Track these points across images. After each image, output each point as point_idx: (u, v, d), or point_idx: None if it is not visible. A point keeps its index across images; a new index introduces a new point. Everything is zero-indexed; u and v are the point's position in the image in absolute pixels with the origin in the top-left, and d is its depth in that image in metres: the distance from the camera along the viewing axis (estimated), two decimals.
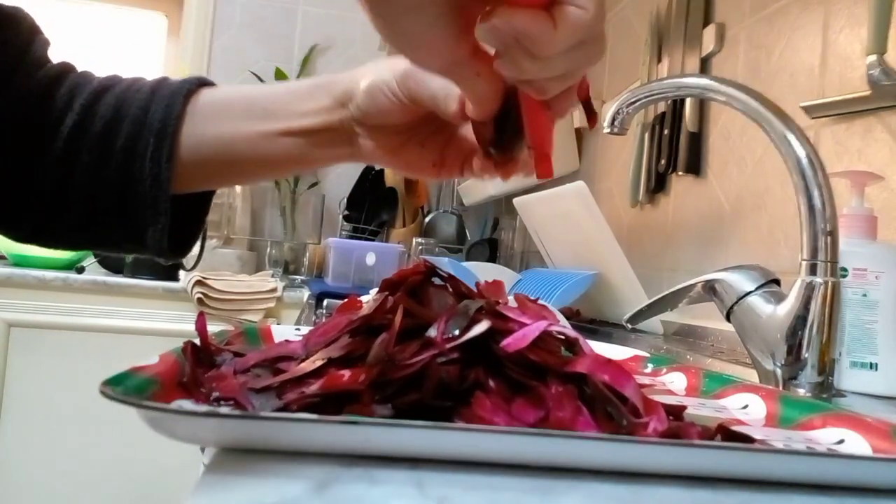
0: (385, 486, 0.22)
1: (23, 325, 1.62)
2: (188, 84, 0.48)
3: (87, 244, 0.51)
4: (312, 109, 0.47)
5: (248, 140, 0.47)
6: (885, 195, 0.74)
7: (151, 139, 0.46)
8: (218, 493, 0.20)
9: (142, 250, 0.49)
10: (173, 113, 0.46)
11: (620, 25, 1.57)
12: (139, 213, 0.47)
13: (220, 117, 0.48)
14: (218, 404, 0.27)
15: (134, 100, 0.47)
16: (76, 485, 1.62)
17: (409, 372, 0.27)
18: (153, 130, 0.46)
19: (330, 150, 0.48)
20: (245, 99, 0.49)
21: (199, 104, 0.48)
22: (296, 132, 0.47)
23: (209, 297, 1.66)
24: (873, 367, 0.60)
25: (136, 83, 0.49)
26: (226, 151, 0.48)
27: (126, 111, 0.47)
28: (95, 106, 0.47)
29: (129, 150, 0.46)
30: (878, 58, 0.73)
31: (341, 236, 2.14)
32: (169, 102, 0.47)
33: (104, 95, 0.48)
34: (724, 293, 0.60)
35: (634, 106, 0.68)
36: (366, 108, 0.44)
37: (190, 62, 2.27)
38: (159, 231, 0.47)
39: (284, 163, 0.48)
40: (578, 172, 1.70)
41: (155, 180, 0.46)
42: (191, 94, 0.48)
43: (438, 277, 0.34)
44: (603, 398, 0.28)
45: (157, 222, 0.47)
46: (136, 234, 0.48)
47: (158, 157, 0.46)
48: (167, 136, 0.46)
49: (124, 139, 0.46)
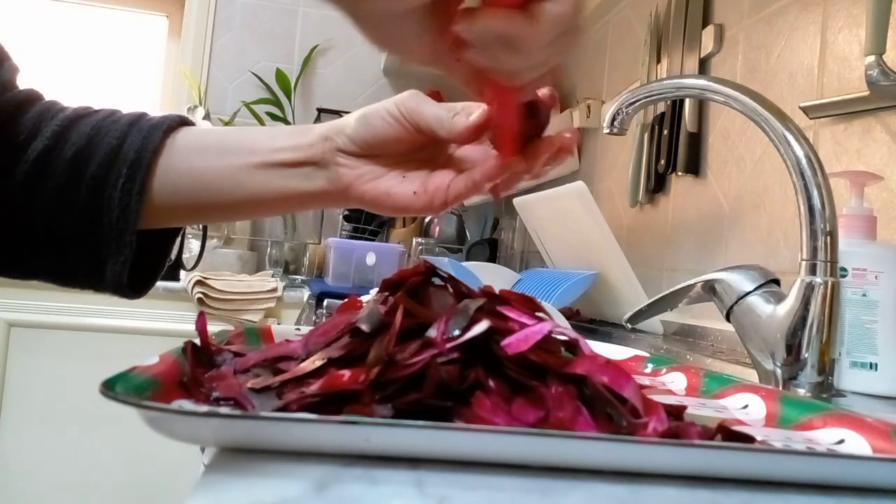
0: (385, 486, 0.22)
1: (23, 325, 1.62)
2: (169, 120, 0.47)
3: (43, 274, 0.48)
4: (290, 145, 0.46)
5: (219, 173, 0.46)
6: (884, 195, 0.74)
7: (124, 170, 0.45)
8: (218, 493, 0.20)
9: (97, 285, 0.48)
10: (150, 145, 0.45)
11: (620, 26, 1.57)
12: (102, 244, 0.45)
13: (195, 152, 0.47)
14: (218, 404, 0.27)
15: (110, 129, 0.46)
16: (76, 485, 1.62)
17: (409, 372, 0.27)
18: (127, 161, 0.45)
19: (303, 182, 0.46)
20: (223, 136, 0.48)
21: (176, 140, 0.47)
22: (271, 164, 0.46)
23: (209, 297, 1.66)
24: (873, 367, 0.60)
25: (115, 114, 0.48)
26: (199, 186, 0.46)
27: (100, 140, 0.46)
28: (68, 133, 0.46)
29: (99, 178, 0.45)
30: (877, 58, 0.73)
31: (341, 236, 2.14)
32: (147, 135, 0.46)
33: (78, 123, 0.46)
34: (724, 293, 0.60)
35: (634, 106, 0.68)
36: (359, 134, 0.44)
37: (190, 63, 2.27)
38: (120, 264, 0.45)
39: (255, 197, 0.47)
40: (578, 172, 1.70)
41: (123, 212, 0.45)
42: (171, 130, 0.47)
43: (438, 277, 0.34)
44: (602, 399, 0.28)
45: (120, 255, 0.45)
46: (96, 266, 0.46)
47: (130, 188, 0.45)
48: (141, 168, 0.45)
49: (96, 167, 0.45)
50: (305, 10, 2.38)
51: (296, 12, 2.37)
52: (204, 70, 2.29)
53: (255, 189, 0.46)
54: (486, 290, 0.32)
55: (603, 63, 1.65)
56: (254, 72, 2.30)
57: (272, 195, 0.47)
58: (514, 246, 1.97)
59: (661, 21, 1.32)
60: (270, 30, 2.35)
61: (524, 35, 0.28)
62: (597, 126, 1.61)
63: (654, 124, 1.26)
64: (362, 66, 2.32)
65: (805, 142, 0.55)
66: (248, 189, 0.46)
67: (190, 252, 1.82)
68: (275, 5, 2.36)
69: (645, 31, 1.37)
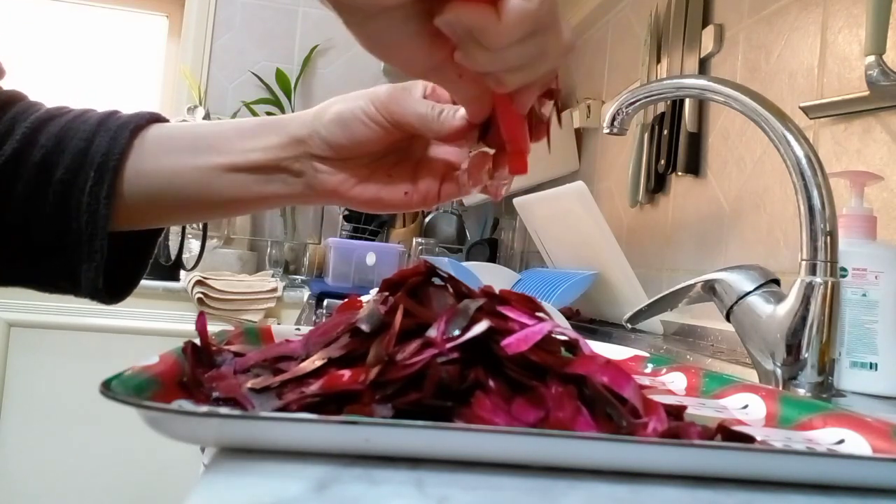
0: (385, 486, 0.22)
1: (23, 325, 1.62)
2: (137, 119, 0.46)
3: (18, 280, 0.47)
4: (259, 146, 0.44)
5: (191, 175, 0.45)
6: (884, 195, 0.74)
7: (92, 173, 0.43)
8: (218, 493, 0.20)
9: (75, 290, 0.47)
10: (117, 147, 0.44)
11: (620, 26, 1.57)
12: (74, 249, 0.44)
13: (164, 152, 0.45)
14: (218, 404, 0.27)
15: (79, 131, 0.45)
16: (76, 484, 1.62)
17: (409, 372, 0.27)
18: (94, 164, 0.43)
19: (281, 187, 0.45)
20: (191, 134, 0.46)
21: (146, 139, 0.45)
22: (241, 168, 0.45)
23: (209, 297, 1.66)
24: (873, 367, 0.60)
25: (85, 114, 0.46)
26: (169, 187, 0.45)
27: (68, 142, 0.44)
28: (37, 135, 0.44)
29: (67, 182, 0.43)
30: (877, 58, 0.73)
31: (341, 236, 2.14)
32: (114, 136, 0.44)
33: (48, 125, 0.45)
34: (724, 293, 0.60)
35: (634, 106, 0.68)
36: (335, 139, 0.42)
37: (190, 63, 2.27)
38: (93, 270, 0.44)
39: (231, 200, 0.46)
40: (578, 172, 1.70)
41: (92, 216, 0.43)
42: (139, 129, 0.45)
43: (438, 277, 0.34)
44: (602, 399, 0.28)
45: (92, 260, 0.44)
46: (69, 272, 0.45)
47: (98, 191, 0.43)
48: (108, 170, 0.43)
49: (63, 171, 0.44)
50: (305, 10, 2.38)
51: (296, 12, 2.37)
52: (204, 70, 2.29)
53: (230, 192, 0.45)
54: (486, 290, 0.32)
55: (603, 63, 1.65)
56: (254, 72, 2.30)
57: (251, 197, 0.46)
58: (514, 246, 1.97)
59: (661, 21, 1.32)
60: (270, 30, 2.35)
61: (491, 30, 0.28)
62: (597, 126, 1.61)
63: (654, 124, 1.26)
64: (362, 66, 2.32)
65: (805, 142, 0.55)
66: (221, 191, 0.45)
67: (190, 252, 1.82)
68: (275, 5, 2.36)
69: (645, 31, 1.37)
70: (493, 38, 0.29)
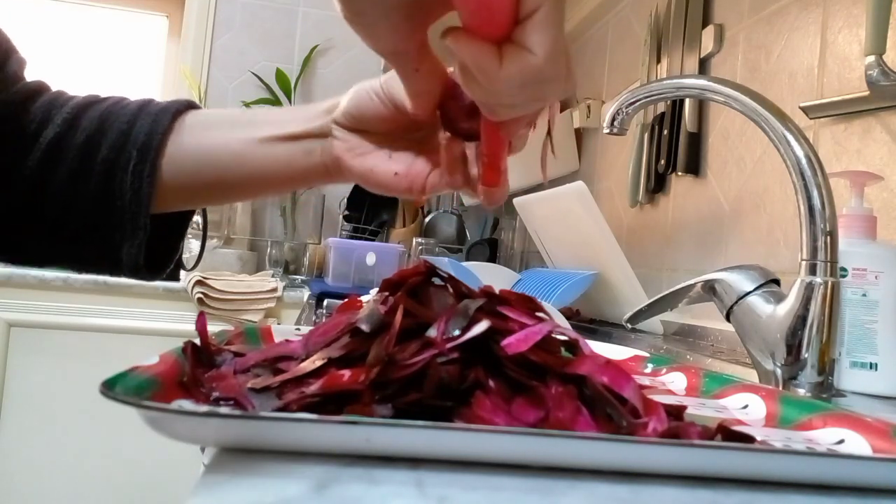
0: (385, 486, 0.22)
1: (23, 325, 1.62)
2: (177, 104, 0.48)
3: (58, 261, 0.49)
4: (295, 117, 0.47)
5: (229, 148, 0.47)
6: (884, 195, 0.74)
7: (134, 152, 0.45)
8: (218, 493, 0.20)
9: (115, 268, 0.48)
10: (159, 128, 0.46)
11: (620, 26, 1.57)
12: (116, 228, 0.46)
13: (203, 129, 0.48)
14: (218, 404, 0.27)
15: (120, 115, 0.47)
16: (76, 485, 1.62)
17: (409, 372, 0.27)
18: (137, 144, 0.45)
19: (305, 159, 0.47)
20: (229, 114, 0.49)
21: (185, 121, 0.48)
22: (278, 138, 0.47)
23: (209, 297, 1.66)
24: (873, 367, 0.60)
25: (123, 101, 0.49)
26: (208, 163, 0.47)
27: (110, 125, 0.46)
28: (79, 119, 0.46)
29: (110, 162, 0.45)
30: (877, 58, 0.73)
31: (341, 236, 2.14)
32: (156, 118, 0.46)
33: (88, 110, 0.47)
34: (724, 293, 0.60)
35: (634, 106, 0.68)
36: (348, 109, 0.44)
37: (190, 63, 2.27)
38: (136, 247, 0.46)
39: (261, 175, 0.47)
40: (578, 172, 1.70)
41: (136, 194, 0.45)
42: (179, 114, 0.48)
43: (438, 277, 0.34)
44: (602, 399, 0.28)
45: (136, 237, 0.46)
46: (112, 250, 0.47)
47: (141, 170, 0.45)
48: (151, 150, 0.45)
49: (106, 151, 0.45)
50: (305, 10, 2.38)
51: (296, 12, 2.37)
52: (204, 70, 2.29)
53: (259, 163, 0.47)
54: (486, 290, 0.32)
55: (603, 63, 1.65)
56: (254, 72, 2.30)
57: (274, 170, 0.47)
58: (514, 246, 1.97)
59: (661, 21, 1.32)
60: (270, 30, 2.35)
61: (491, 74, 0.28)
62: (597, 126, 1.61)
63: (654, 124, 1.26)
64: (362, 66, 2.32)
65: (805, 142, 0.55)
66: (252, 163, 0.47)
67: (190, 252, 1.82)
68: (275, 5, 2.36)
69: (645, 31, 1.37)
70: (491, 81, 0.28)
